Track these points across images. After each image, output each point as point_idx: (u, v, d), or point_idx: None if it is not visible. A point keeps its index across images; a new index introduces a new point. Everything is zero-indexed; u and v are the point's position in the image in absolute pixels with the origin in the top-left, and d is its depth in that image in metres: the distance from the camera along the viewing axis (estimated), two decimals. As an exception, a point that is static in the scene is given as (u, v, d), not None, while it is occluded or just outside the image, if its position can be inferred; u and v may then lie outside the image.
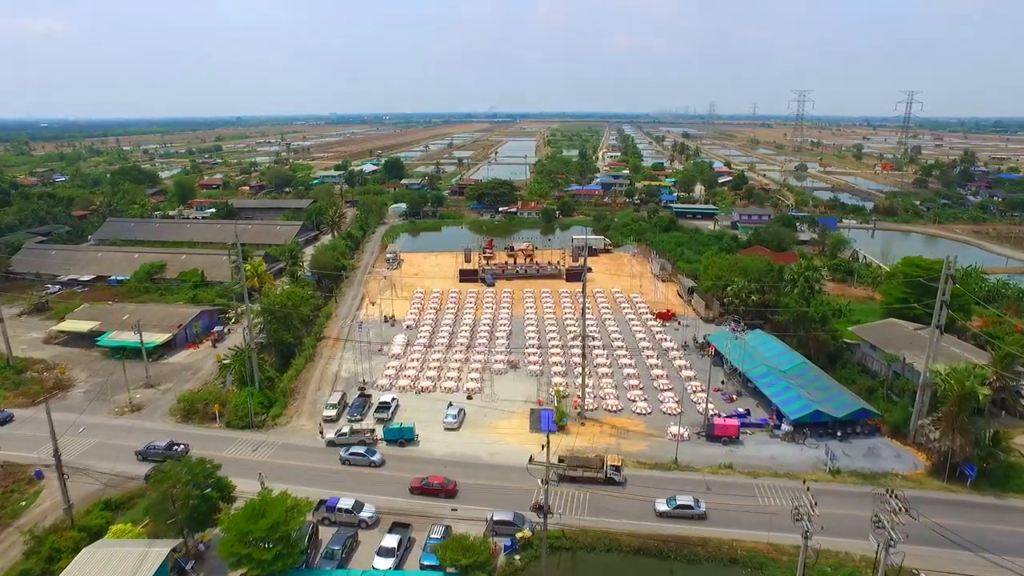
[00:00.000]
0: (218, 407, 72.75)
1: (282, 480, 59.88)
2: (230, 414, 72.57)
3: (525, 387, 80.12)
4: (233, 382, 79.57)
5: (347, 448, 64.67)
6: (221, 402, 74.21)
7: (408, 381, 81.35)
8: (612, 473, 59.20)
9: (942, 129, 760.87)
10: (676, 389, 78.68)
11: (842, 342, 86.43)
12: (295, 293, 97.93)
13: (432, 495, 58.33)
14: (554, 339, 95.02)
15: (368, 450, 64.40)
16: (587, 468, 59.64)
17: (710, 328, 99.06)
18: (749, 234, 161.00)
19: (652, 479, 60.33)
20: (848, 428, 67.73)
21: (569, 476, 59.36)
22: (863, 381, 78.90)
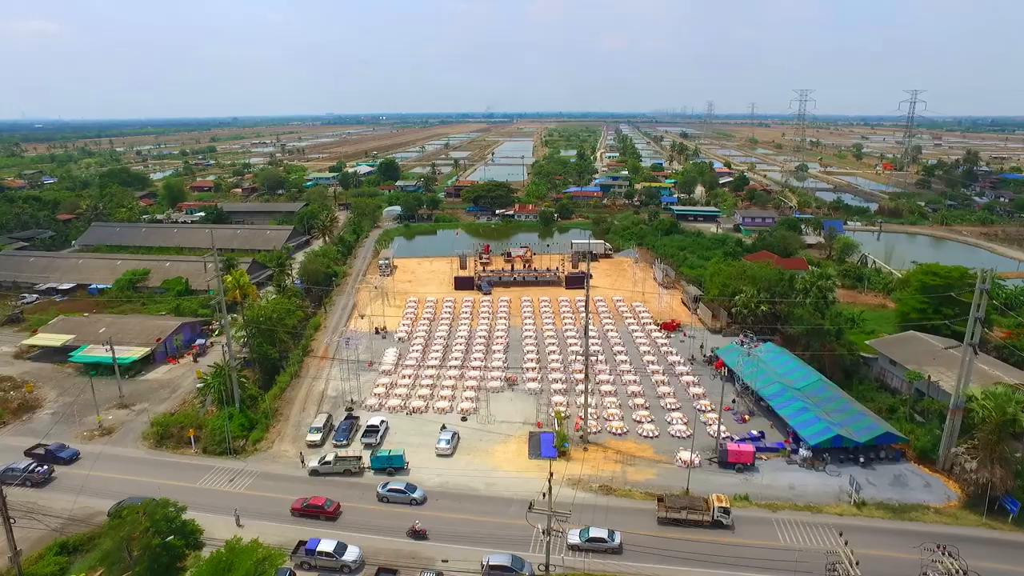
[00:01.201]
0: (193, 431, 67.65)
1: (261, 516, 55.40)
2: (206, 439, 67.55)
3: (523, 407, 75.22)
4: (212, 402, 74.61)
5: (384, 485, 58.29)
6: (197, 425, 69.13)
7: (399, 401, 76.32)
8: (720, 515, 53.06)
9: (939, 128, 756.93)
10: (684, 408, 73.85)
11: (859, 356, 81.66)
12: (281, 305, 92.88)
13: (312, 517, 54.93)
14: (554, 352, 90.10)
15: (408, 486, 58.09)
16: (692, 510, 53.76)
17: (717, 340, 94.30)
18: (753, 237, 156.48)
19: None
20: (871, 453, 62.91)
21: (672, 519, 53.72)
22: (882, 399, 74.19)
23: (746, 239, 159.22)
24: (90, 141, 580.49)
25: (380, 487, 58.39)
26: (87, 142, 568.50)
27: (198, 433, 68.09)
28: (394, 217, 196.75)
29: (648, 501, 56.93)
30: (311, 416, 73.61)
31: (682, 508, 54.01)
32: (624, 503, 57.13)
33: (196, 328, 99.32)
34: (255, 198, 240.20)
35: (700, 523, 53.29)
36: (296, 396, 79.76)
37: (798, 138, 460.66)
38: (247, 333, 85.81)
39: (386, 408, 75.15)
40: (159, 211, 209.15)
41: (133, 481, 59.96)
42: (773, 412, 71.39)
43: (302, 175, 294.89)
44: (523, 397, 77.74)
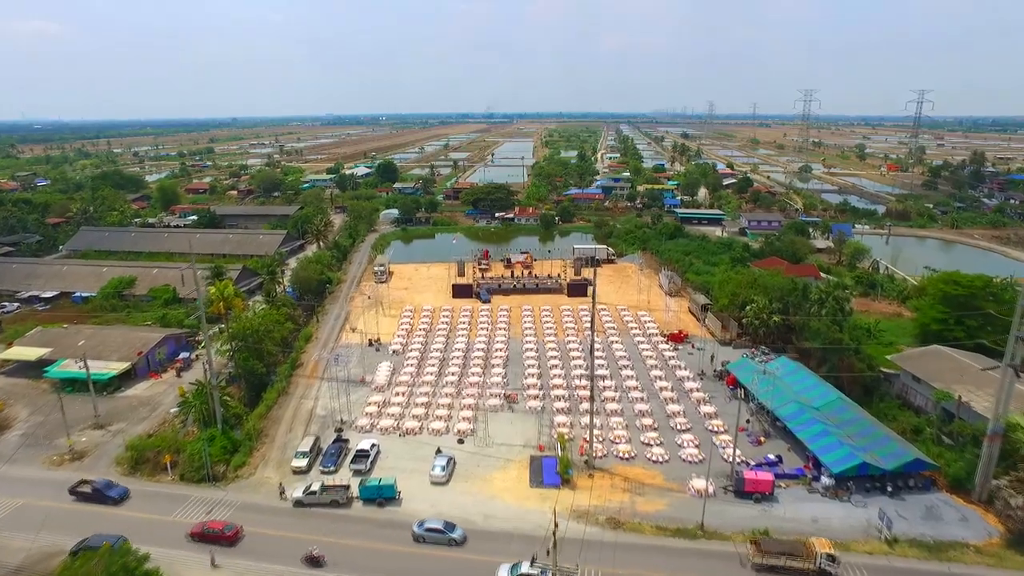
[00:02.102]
0: (169, 457, 63.07)
1: (239, 554, 50.86)
2: (184, 464, 62.99)
3: (524, 427, 70.68)
4: (194, 422, 70.08)
5: (420, 524, 53.08)
6: (175, 449, 64.57)
7: (392, 421, 71.70)
8: (826, 563, 47.56)
9: (941, 128, 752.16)
10: (696, 429, 69.33)
11: (879, 372, 77.09)
12: (268, 317, 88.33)
13: (211, 543, 51.51)
14: (556, 367, 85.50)
15: (447, 525, 52.91)
16: (792, 556, 48.34)
17: (727, 352, 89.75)
18: (760, 242, 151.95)
19: (675, 551, 50.96)
20: (899, 481, 58.33)
21: (769, 566, 48.51)
22: (905, 418, 69.61)
23: (752, 243, 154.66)
24: (88, 142, 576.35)
25: (416, 526, 53.07)
26: (84, 143, 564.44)
27: (175, 458, 63.52)
28: (391, 220, 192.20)
29: (659, 536, 52.45)
30: (298, 438, 69.07)
31: (781, 554, 48.57)
32: (636, 539, 52.54)
33: (181, 340, 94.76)
34: (251, 200, 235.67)
35: (804, 571, 47.67)
36: (283, 415, 75.15)
37: (800, 138, 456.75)
38: (232, 347, 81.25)
39: (378, 429, 70.56)
40: (152, 214, 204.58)
41: (100, 514, 55.45)
42: (790, 433, 66.91)
43: (299, 177, 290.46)
44: (524, 416, 73.16)
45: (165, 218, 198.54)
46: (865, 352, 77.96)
